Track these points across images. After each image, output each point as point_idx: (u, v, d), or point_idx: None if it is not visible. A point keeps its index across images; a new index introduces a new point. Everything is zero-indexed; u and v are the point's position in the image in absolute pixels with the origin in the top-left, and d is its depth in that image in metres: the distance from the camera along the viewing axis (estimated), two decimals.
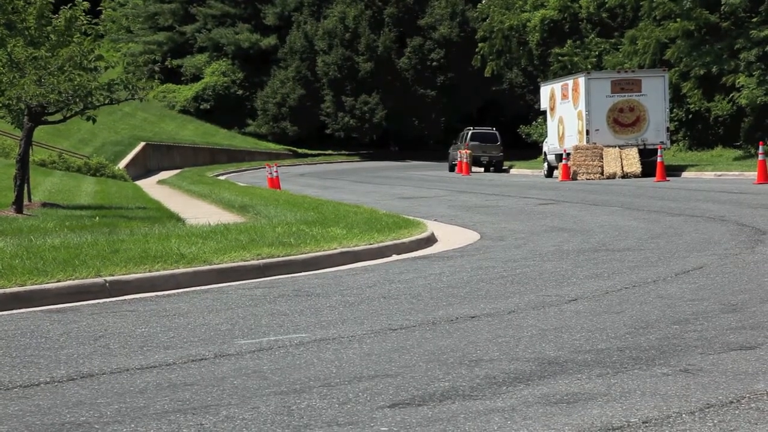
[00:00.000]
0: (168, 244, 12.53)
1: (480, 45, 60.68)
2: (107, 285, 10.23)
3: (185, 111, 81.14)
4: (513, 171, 53.77)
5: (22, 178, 20.28)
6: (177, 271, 10.90)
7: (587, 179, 37.17)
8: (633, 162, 37.65)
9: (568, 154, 38.60)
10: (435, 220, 18.73)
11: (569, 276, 10.67)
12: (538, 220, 18.26)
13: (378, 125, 76.28)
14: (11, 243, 13.05)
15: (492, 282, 10.42)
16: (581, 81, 39.61)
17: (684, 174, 36.57)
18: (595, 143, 38.54)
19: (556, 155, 41.65)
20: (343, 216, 17.35)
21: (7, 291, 9.65)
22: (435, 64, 75.77)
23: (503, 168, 54.59)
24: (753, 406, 5.48)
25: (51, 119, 21.90)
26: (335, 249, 12.82)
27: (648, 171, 36.17)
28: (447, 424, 5.27)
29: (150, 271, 10.74)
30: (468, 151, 50.42)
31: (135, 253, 11.58)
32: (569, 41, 54.29)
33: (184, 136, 73.43)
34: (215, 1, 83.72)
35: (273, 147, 77.70)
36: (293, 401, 5.79)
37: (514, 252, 13.21)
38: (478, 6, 64.37)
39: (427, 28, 76.20)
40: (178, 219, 19.99)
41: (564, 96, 41.50)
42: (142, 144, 62.16)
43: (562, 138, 41.39)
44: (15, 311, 9.36)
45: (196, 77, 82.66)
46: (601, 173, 37.72)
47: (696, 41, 43.71)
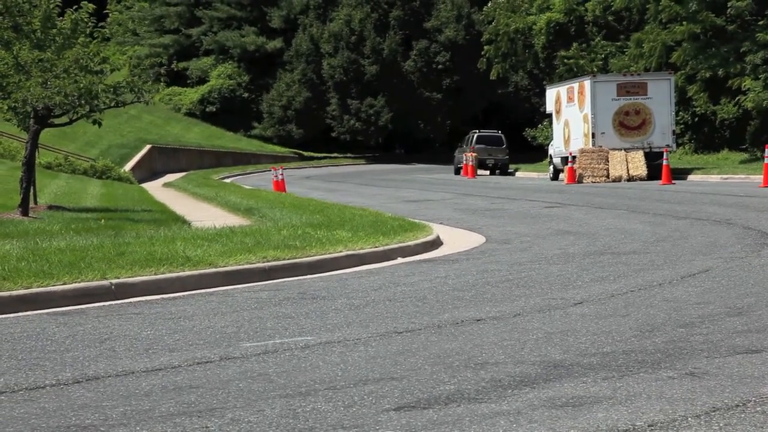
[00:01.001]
0: (173, 246, 12.52)
1: (486, 48, 60.62)
2: (113, 288, 10.24)
3: (191, 114, 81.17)
4: (518, 174, 53.69)
5: (28, 180, 20.31)
6: (182, 274, 10.91)
7: (593, 182, 37.14)
8: (639, 165, 37.58)
9: (573, 157, 38.58)
10: (440, 223, 18.74)
11: (575, 279, 10.66)
12: (543, 223, 18.25)
13: (383, 128, 76.24)
14: (17, 245, 13.06)
15: (497, 285, 10.42)
16: (587, 84, 39.56)
17: (690, 177, 36.51)
18: (601, 146, 38.48)
19: (561, 158, 41.60)
20: (349, 219, 17.35)
21: (13, 293, 9.66)
22: (440, 66, 75.71)
23: (509, 171, 54.52)
24: (759, 409, 5.47)
25: (57, 122, 21.93)
26: (341, 252, 12.82)
27: (654, 174, 36.09)
28: (452, 427, 5.26)
29: (155, 274, 10.75)
30: (473, 154, 50.35)
31: (140, 256, 11.58)
32: (575, 44, 54.24)
33: (189, 138, 73.45)
34: (221, 4, 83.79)
35: (279, 150, 77.72)
36: (298, 404, 5.79)
37: (519, 255, 13.20)
38: (483, 9, 64.29)
39: (433, 30, 76.15)
40: (183, 222, 19.99)
41: (570, 99, 41.46)
42: (147, 147, 62.18)
43: (567, 141, 41.35)
44: (21, 314, 9.38)
45: (201, 80, 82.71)
46: (607, 176, 37.67)
47: (702, 44, 43.66)
